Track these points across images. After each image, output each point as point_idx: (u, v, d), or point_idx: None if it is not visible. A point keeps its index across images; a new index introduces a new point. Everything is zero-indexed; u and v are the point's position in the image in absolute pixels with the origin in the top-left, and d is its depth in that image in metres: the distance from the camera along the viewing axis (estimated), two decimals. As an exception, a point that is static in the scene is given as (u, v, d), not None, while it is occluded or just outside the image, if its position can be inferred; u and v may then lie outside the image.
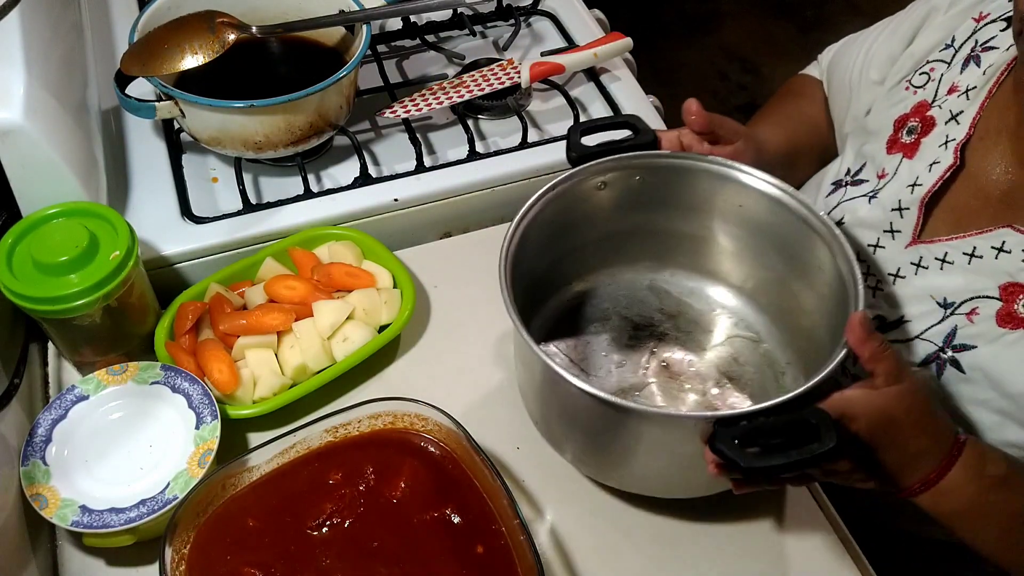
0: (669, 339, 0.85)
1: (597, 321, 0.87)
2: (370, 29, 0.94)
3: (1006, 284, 0.71)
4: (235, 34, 0.91)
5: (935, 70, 0.81)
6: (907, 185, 0.79)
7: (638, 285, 0.88)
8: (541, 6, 1.19)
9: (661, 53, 2.63)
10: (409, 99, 1.01)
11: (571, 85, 1.08)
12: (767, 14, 2.82)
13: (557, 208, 0.78)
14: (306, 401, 0.82)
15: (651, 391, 0.82)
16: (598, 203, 0.82)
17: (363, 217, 0.95)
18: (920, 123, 0.80)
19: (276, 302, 0.85)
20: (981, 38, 0.78)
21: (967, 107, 0.76)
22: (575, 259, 0.86)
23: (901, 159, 0.80)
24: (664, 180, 0.81)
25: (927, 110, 0.80)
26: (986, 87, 0.76)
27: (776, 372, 0.82)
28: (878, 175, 0.83)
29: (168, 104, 0.90)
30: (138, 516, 0.70)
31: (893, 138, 0.82)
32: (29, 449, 0.74)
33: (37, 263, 0.74)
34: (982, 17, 0.79)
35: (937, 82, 0.80)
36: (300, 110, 0.89)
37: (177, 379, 0.78)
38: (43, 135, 0.77)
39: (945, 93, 0.79)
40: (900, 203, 0.79)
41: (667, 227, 0.85)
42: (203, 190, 0.96)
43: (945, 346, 0.75)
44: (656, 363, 0.84)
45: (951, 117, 0.77)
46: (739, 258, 0.85)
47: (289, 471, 0.72)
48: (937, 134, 0.78)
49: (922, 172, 0.78)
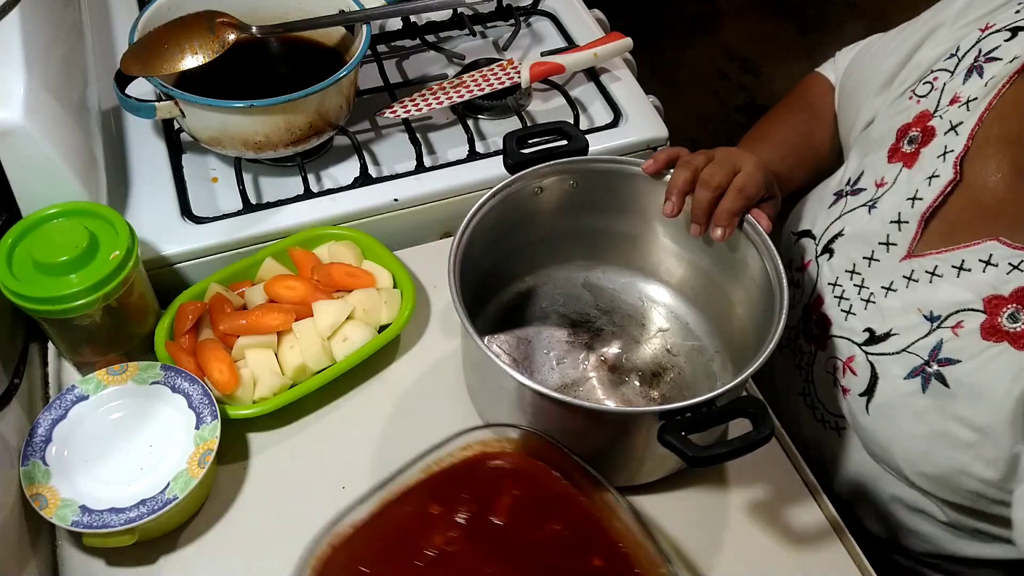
0: (605, 334, 0.88)
1: (537, 320, 0.89)
2: (370, 29, 0.94)
3: (990, 297, 0.71)
4: (235, 34, 0.91)
5: (938, 79, 0.80)
6: (907, 198, 0.78)
7: (573, 283, 0.92)
8: (541, 6, 1.19)
9: (661, 53, 2.63)
10: (409, 99, 1.01)
11: (571, 85, 1.08)
12: (767, 14, 2.82)
13: (499, 213, 0.81)
14: (306, 401, 0.82)
15: (592, 385, 0.84)
16: (536, 207, 0.84)
17: (363, 217, 0.95)
18: (921, 133, 0.79)
19: (276, 302, 0.85)
20: (985, 48, 0.77)
21: (966, 118, 0.75)
22: (515, 261, 0.89)
23: (901, 169, 0.80)
24: (598, 183, 0.84)
25: (928, 120, 0.79)
26: (987, 98, 0.75)
27: (705, 360, 0.86)
28: (876, 183, 0.82)
29: (168, 104, 0.90)
30: (138, 516, 0.70)
31: (894, 147, 0.81)
32: (29, 449, 0.74)
33: (37, 263, 0.74)
34: (988, 27, 0.78)
35: (940, 91, 0.79)
36: (300, 110, 0.89)
37: (177, 379, 0.78)
38: (43, 135, 0.77)
39: (947, 103, 0.78)
40: (900, 216, 0.78)
41: (601, 227, 0.88)
42: (203, 190, 0.96)
43: (931, 360, 0.74)
44: (595, 358, 0.86)
45: (950, 128, 0.76)
46: (670, 255, 0.88)
47: (388, 512, 0.69)
48: (936, 145, 0.77)
49: (921, 185, 0.77)
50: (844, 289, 0.82)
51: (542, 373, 0.85)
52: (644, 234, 0.88)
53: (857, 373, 0.80)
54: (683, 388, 0.84)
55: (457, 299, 0.71)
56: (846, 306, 0.82)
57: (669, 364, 0.86)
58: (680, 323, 0.89)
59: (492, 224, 0.80)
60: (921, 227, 0.77)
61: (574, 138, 0.83)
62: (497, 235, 0.82)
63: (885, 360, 0.77)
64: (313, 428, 0.83)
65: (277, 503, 0.78)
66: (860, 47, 0.98)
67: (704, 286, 0.87)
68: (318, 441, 0.82)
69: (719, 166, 0.77)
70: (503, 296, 0.90)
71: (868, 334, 0.79)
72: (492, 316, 0.89)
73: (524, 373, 0.79)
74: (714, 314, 0.87)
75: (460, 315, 0.71)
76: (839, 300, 0.83)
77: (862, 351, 0.80)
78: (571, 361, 0.86)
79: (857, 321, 0.81)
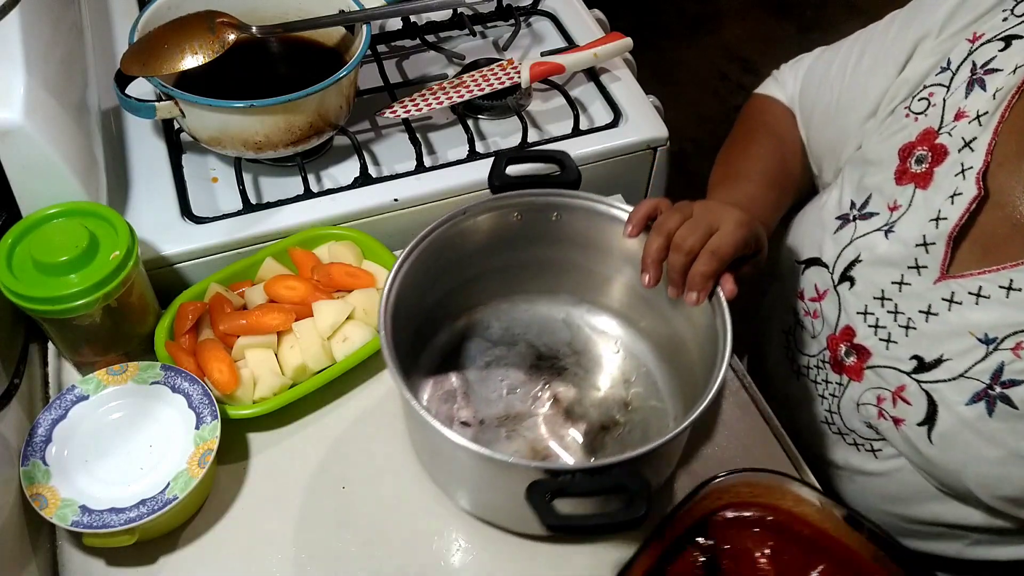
0: (568, 375, 0.85)
1: (504, 344, 0.87)
2: (370, 29, 0.94)
3: None
4: (235, 34, 0.91)
5: (935, 95, 0.78)
6: (930, 219, 0.75)
7: (554, 316, 0.89)
8: (541, 6, 1.19)
9: (661, 53, 2.63)
10: (409, 99, 1.01)
11: (571, 85, 1.08)
12: (767, 14, 2.82)
13: (469, 230, 0.80)
14: (306, 401, 0.82)
15: (534, 423, 0.82)
16: (515, 231, 0.82)
17: (363, 217, 0.95)
18: (930, 151, 0.76)
19: (276, 302, 0.85)
20: (979, 59, 0.75)
21: (980, 133, 0.73)
22: (490, 281, 0.87)
23: (914, 190, 0.77)
24: (582, 220, 0.81)
25: (935, 137, 0.76)
26: (998, 111, 0.73)
27: (661, 424, 0.82)
28: (889, 207, 0.79)
29: (168, 104, 0.90)
30: (138, 516, 0.70)
31: (901, 168, 0.78)
32: (29, 449, 0.74)
33: (37, 263, 0.74)
34: (976, 37, 0.76)
35: (940, 107, 0.77)
36: (300, 110, 0.89)
37: (177, 379, 0.78)
38: (43, 135, 0.77)
39: (952, 119, 0.76)
40: (925, 238, 0.75)
41: (586, 265, 0.86)
42: (203, 190, 0.96)
43: (993, 383, 0.72)
44: (548, 395, 0.84)
45: (964, 144, 0.74)
46: (653, 309, 0.84)
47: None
48: (951, 163, 0.75)
49: (944, 205, 0.74)
50: (877, 317, 0.79)
51: (485, 399, 0.83)
52: (633, 282, 0.83)
53: (911, 403, 0.77)
54: (626, 447, 0.80)
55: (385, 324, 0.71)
56: (884, 335, 0.79)
57: (623, 420, 0.82)
58: (648, 380, 0.85)
59: (454, 242, 0.80)
60: (950, 247, 0.74)
61: (567, 169, 0.81)
62: (480, 251, 0.82)
63: (941, 387, 0.75)
64: (313, 428, 0.83)
65: (277, 503, 0.78)
66: (805, 65, 0.95)
67: (679, 346, 0.82)
68: (318, 441, 0.82)
69: (694, 227, 0.73)
70: (473, 316, 0.89)
71: (916, 362, 0.77)
72: (457, 332, 0.88)
73: (454, 398, 0.82)
74: (685, 378, 0.82)
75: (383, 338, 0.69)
76: (875, 329, 0.80)
77: (913, 380, 0.77)
78: (523, 394, 0.84)
79: (901, 349, 0.78)
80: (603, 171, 1.02)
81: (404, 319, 0.75)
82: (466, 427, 0.81)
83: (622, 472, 0.62)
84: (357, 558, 0.75)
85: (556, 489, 0.62)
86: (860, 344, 0.81)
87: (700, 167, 2.20)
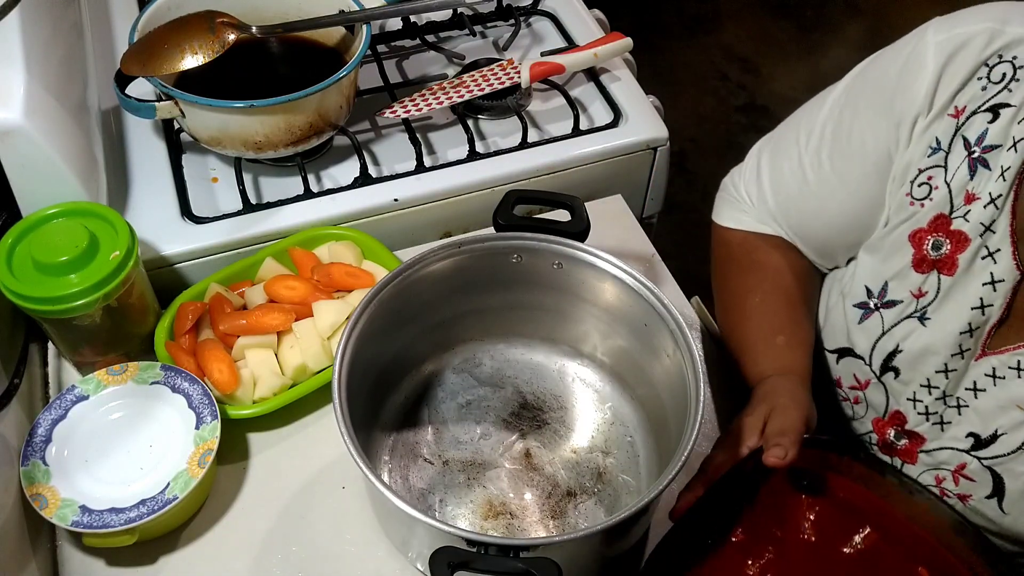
0: (547, 430, 0.82)
1: (492, 385, 0.84)
2: (370, 29, 0.94)
3: None
4: (235, 34, 0.91)
5: (934, 178, 0.74)
6: (972, 307, 0.74)
7: (548, 366, 0.86)
8: (541, 6, 1.19)
9: (661, 53, 2.63)
10: (409, 99, 1.01)
11: (571, 85, 1.08)
12: (767, 14, 2.82)
13: (466, 265, 0.77)
14: (306, 401, 0.82)
15: (497, 474, 0.79)
16: (515, 273, 0.79)
17: (363, 217, 0.95)
18: (947, 238, 0.74)
19: (276, 302, 0.85)
20: (969, 135, 0.72)
21: (999, 216, 0.71)
22: (488, 318, 0.84)
23: (939, 276, 0.75)
24: (587, 275, 0.78)
25: (949, 224, 0.74)
26: (1011, 191, 0.71)
27: (630, 503, 0.76)
28: (913, 294, 0.77)
29: (168, 104, 0.90)
30: (138, 516, 0.70)
31: (919, 256, 0.76)
32: (29, 449, 0.74)
33: (37, 263, 0.74)
34: (959, 112, 0.72)
35: (945, 191, 0.74)
36: (300, 110, 0.89)
37: (177, 379, 0.78)
38: (43, 135, 0.77)
39: (963, 203, 0.73)
40: (970, 325, 0.74)
41: (587, 320, 0.82)
42: (203, 190, 0.96)
43: None
44: (521, 448, 0.80)
45: (985, 229, 0.72)
46: (643, 378, 0.80)
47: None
48: (975, 247, 0.73)
49: (984, 292, 0.73)
50: (926, 404, 0.78)
51: (455, 440, 0.81)
52: (634, 348, 0.80)
53: (975, 479, 0.76)
54: (583, 518, 0.76)
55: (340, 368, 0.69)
56: (936, 419, 0.78)
57: (592, 490, 0.78)
58: (630, 452, 0.80)
59: (475, 273, 0.78)
60: (994, 328, 0.74)
61: (576, 218, 0.78)
62: (478, 286, 0.80)
63: (1004, 461, 0.74)
64: (313, 428, 0.83)
65: (277, 503, 0.78)
66: (765, 180, 0.86)
67: (665, 424, 0.78)
68: (318, 441, 0.82)
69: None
70: (469, 350, 0.86)
71: (973, 439, 0.76)
72: (450, 362, 0.86)
73: (425, 432, 0.80)
74: (667, 458, 0.75)
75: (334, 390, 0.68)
76: (926, 416, 0.78)
77: (973, 457, 0.76)
78: (495, 441, 0.81)
79: (956, 429, 0.77)
80: (603, 171, 1.02)
81: (392, 336, 0.75)
82: (428, 464, 0.79)
83: (535, 561, 0.59)
84: (358, 558, 0.75)
85: (457, 562, 0.59)
86: (912, 430, 0.80)
87: (700, 167, 2.21)
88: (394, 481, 0.78)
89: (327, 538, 0.76)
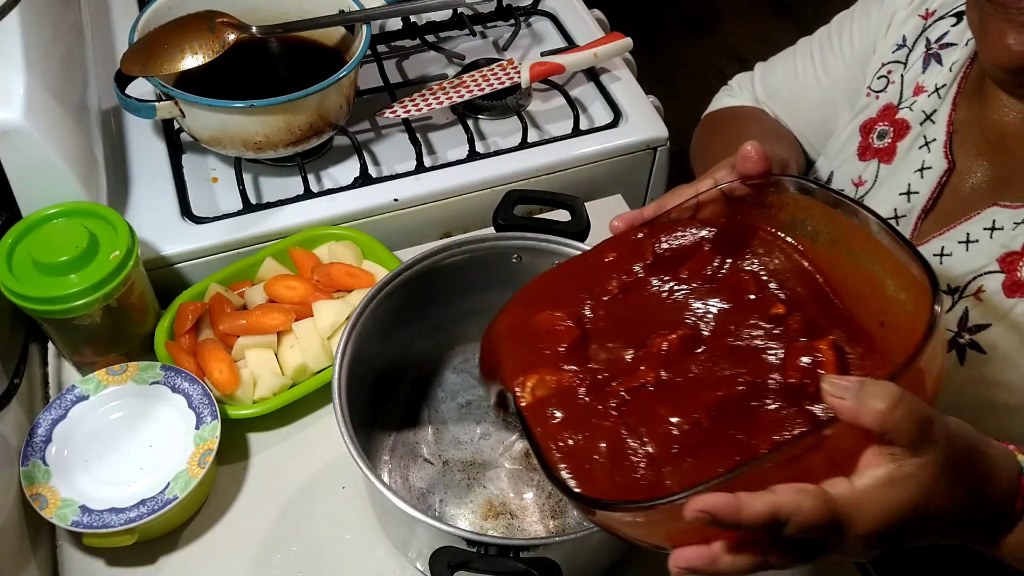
0: None
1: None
2: (370, 29, 0.94)
3: (1004, 255, 0.71)
4: (235, 34, 0.91)
5: (892, 72, 0.81)
6: (899, 193, 0.78)
7: None
8: (541, 6, 1.19)
9: (661, 53, 2.63)
10: (409, 99, 1.01)
11: (571, 85, 1.08)
12: (767, 14, 2.82)
13: (467, 263, 0.77)
14: (306, 401, 0.82)
15: (496, 474, 0.79)
16: (516, 273, 0.77)
17: (363, 217, 0.95)
18: (891, 126, 0.79)
19: (276, 302, 0.85)
20: (932, 35, 0.78)
21: (940, 106, 0.76)
22: (487, 318, 0.78)
23: (878, 165, 0.80)
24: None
25: (895, 113, 0.79)
26: (955, 83, 0.76)
27: None
28: (854, 182, 0.82)
29: (168, 104, 0.90)
30: (138, 516, 0.70)
31: (864, 144, 0.81)
32: (29, 449, 0.74)
33: (37, 263, 0.74)
34: (929, 14, 0.79)
35: (899, 84, 0.80)
36: (300, 110, 0.89)
37: (177, 379, 0.78)
38: (43, 135, 0.77)
39: (911, 94, 0.79)
40: (896, 211, 0.78)
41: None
42: (203, 190, 0.96)
43: (961, 331, 0.74)
44: (520, 447, 0.80)
45: (926, 117, 0.77)
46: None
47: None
48: (914, 136, 0.78)
49: (913, 179, 0.77)
50: None
51: (455, 440, 0.80)
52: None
53: None
54: (580, 522, 0.74)
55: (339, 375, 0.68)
56: None
57: None
58: None
59: (475, 272, 0.77)
60: (920, 219, 0.77)
61: (577, 217, 0.77)
62: (478, 286, 0.78)
63: None
64: (313, 428, 0.83)
65: (277, 503, 0.78)
66: (757, 75, 0.95)
67: None
68: (318, 441, 0.82)
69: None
70: (471, 350, 0.85)
71: None
72: (449, 361, 0.85)
73: (425, 431, 0.80)
74: None
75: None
76: None
77: None
78: (495, 441, 0.80)
79: None
80: (603, 171, 1.02)
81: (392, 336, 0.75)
82: (428, 464, 0.79)
83: (535, 561, 0.58)
84: (358, 558, 0.75)
85: (457, 562, 0.59)
86: None
87: (700, 167, 2.19)
88: (394, 481, 0.78)
89: (327, 538, 0.76)
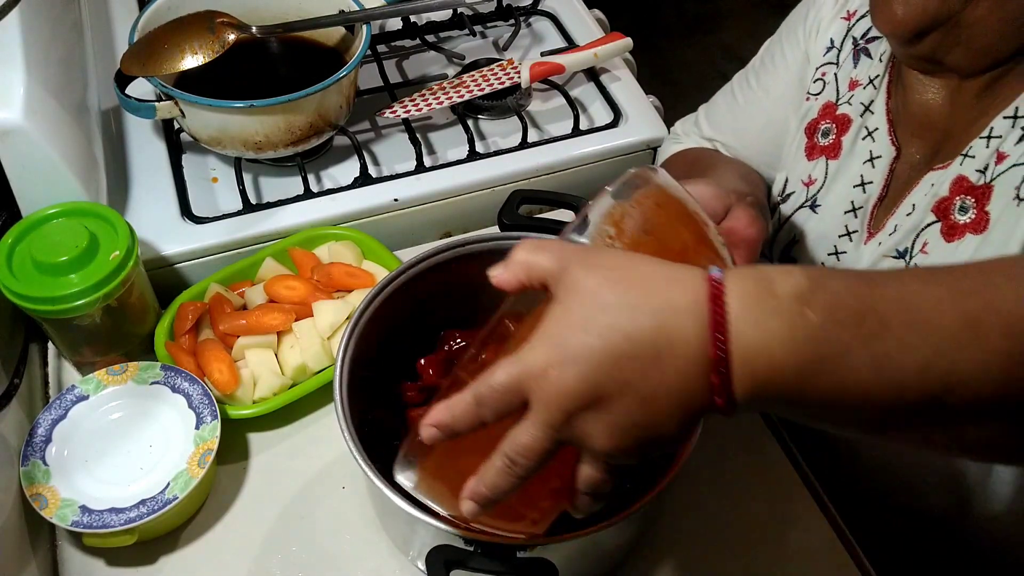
0: None
1: None
2: (370, 29, 0.94)
3: (936, 203, 0.72)
4: (235, 34, 0.91)
5: (826, 73, 0.83)
6: (853, 185, 0.80)
7: None
8: (541, 6, 1.19)
9: (661, 53, 2.63)
10: (409, 99, 1.01)
11: (571, 85, 1.08)
12: (767, 14, 2.81)
13: (465, 265, 0.76)
14: (306, 401, 0.82)
15: None
16: None
17: (363, 217, 0.95)
18: (833, 123, 0.81)
19: (276, 302, 0.85)
20: (857, 33, 0.80)
21: (876, 96, 0.78)
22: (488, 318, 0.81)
23: (826, 162, 0.82)
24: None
25: (835, 110, 0.81)
26: (887, 73, 0.78)
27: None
28: (804, 183, 0.83)
29: (168, 104, 0.90)
30: (138, 516, 0.70)
31: (810, 144, 0.83)
32: (29, 449, 0.74)
33: (37, 263, 0.74)
34: (851, 15, 0.81)
35: (834, 82, 0.82)
36: (300, 110, 0.89)
37: (177, 379, 0.78)
38: (43, 135, 0.77)
39: (847, 89, 0.81)
40: (853, 204, 0.80)
41: None
42: (203, 190, 0.96)
43: None
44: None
45: (864, 109, 0.79)
46: None
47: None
48: (856, 128, 0.80)
49: (864, 170, 0.79)
50: None
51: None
52: None
53: None
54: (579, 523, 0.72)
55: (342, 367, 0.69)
56: None
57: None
58: None
59: (469, 273, 0.75)
60: (876, 207, 0.79)
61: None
62: (476, 287, 0.72)
63: None
64: (313, 428, 0.83)
65: (277, 503, 0.78)
66: (700, 115, 0.97)
67: None
68: (318, 441, 0.82)
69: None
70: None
71: None
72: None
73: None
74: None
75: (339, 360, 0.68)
76: None
77: None
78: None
79: None
80: (603, 171, 1.02)
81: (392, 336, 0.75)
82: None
83: (531, 561, 0.58)
84: (357, 558, 0.75)
85: (453, 560, 0.58)
86: None
87: (700, 167, 2.19)
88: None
89: (327, 538, 0.76)
